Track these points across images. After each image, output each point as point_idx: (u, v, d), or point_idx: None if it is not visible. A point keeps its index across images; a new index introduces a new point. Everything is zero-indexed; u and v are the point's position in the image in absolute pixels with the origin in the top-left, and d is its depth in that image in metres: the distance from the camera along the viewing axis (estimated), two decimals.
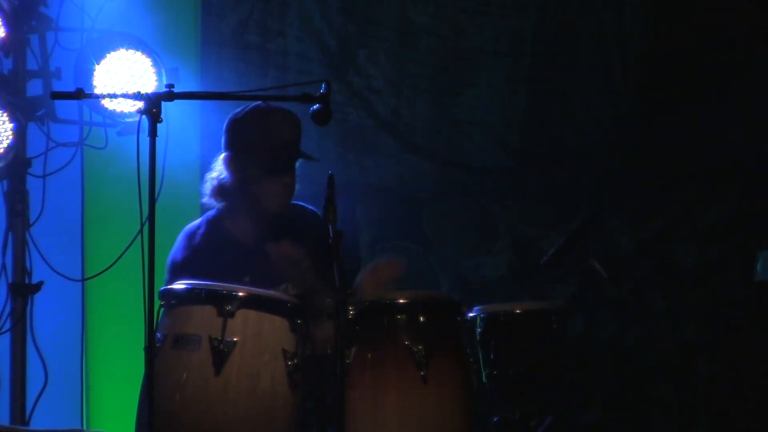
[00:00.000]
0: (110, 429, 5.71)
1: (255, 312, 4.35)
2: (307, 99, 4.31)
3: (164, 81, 5.38)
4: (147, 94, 4.08)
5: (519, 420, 4.74)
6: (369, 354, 4.38)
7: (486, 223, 6.69)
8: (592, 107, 6.73)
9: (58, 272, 5.51)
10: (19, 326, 5.39)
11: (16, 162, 5.41)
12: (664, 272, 6.56)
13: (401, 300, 4.48)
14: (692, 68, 6.57)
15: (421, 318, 4.44)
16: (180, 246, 4.85)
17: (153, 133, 4.05)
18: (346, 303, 4.19)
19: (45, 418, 5.44)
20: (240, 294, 4.35)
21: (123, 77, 5.39)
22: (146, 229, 3.98)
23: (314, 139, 6.07)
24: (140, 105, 4.08)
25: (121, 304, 5.72)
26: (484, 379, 4.66)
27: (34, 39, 5.48)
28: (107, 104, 5.44)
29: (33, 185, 5.49)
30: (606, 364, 6.54)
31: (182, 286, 4.41)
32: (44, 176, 5.51)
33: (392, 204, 6.63)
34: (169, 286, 4.44)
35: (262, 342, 4.34)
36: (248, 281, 4.68)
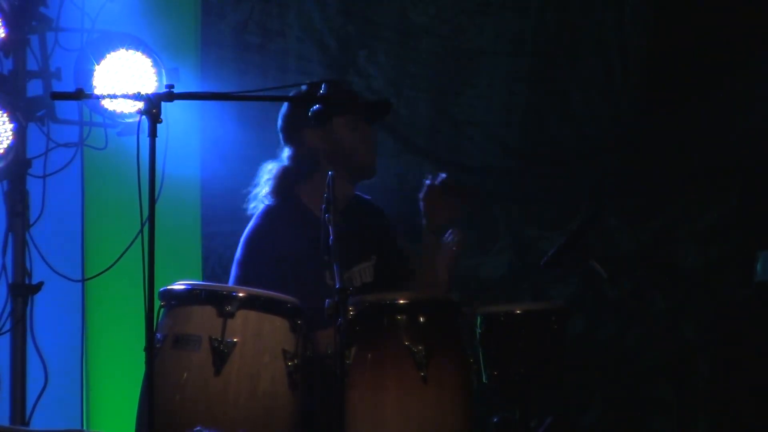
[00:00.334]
0: (110, 429, 5.71)
1: (255, 312, 4.36)
2: (307, 99, 4.31)
3: (164, 81, 5.38)
4: (147, 95, 4.08)
5: (519, 420, 4.74)
6: (369, 354, 4.38)
7: (486, 223, 6.69)
8: (592, 107, 6.73)
9: (58, 272, 5.51)
10: (19, 327, 5.38)
11: (16, 162, 5.41)
12: (664, 272, 6.56)
13: (401, 300, 4.48)
14: (692, 68, 6.57)
15: (421, 318, 4.45)
16: (262, 226, 4.81)
17: (153, 134, 4.05)
18: (346, 303, 4.19)
19: (45, 418, 5.44)
20: (240, 294, 4.35)
21: (123, 78, 5.38)
22: (146, 230, 3.98)
23: None
24: (140, 105, 4.08)
25: (121, 305, 5.72)
26: (485, 380, 4.67)
27: (34, 39, 5.48)
28: (107, 105, 5.44)
29: (33, 186, 5.49)
30: (606, 364, 6.54)
31: (182, 287, 4.41)
32: (44, 177, 5.50)
33: (392, 204, 6.63)
34: (169, 287, 4.44)
35: (262, 342, 4.34)
36: (327, 260, 4.70)
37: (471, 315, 4.70)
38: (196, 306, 4.36)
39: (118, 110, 5.44)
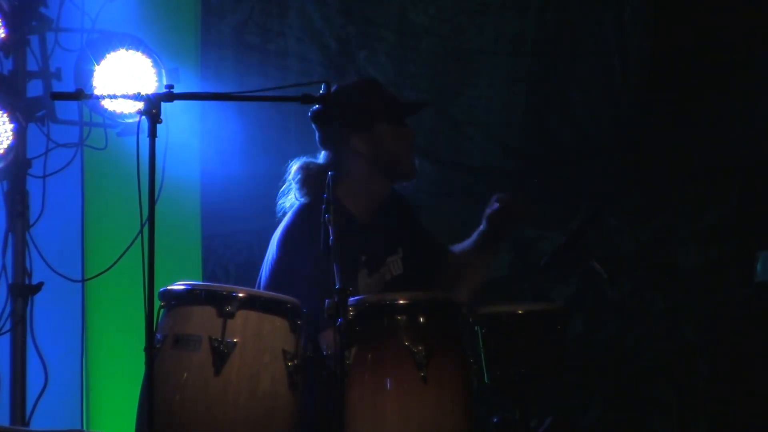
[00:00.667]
0: (110, 429, 5.72)
1: (255, 313, 4.35)
2: (307, 100, 4.31)
3: (164, 81, 5.39)
4: (147, 95, 4.08)
5: (519, 420, 4.73)
6: (369, 354, 4.38)
7: None
8: (592, 107, 6.73)
9: (58, 273, 5.51)
10: (19, 327, 5.39)
11: (16, 162, 5.42)
12: (664, 273, 6.56)
13: (401, 300, 4.48)
14: (692, 68, 6.57)
15: (421, 318, 4.44)
16: (299, 223, 4.80)
17: (153, 134, 4.05)
18: (346, 303, 4.19)
19: (45, 419, 5.44)
20: (240, 295, 4.35)
21: (123, 78, 5.39)
22: (146, 230, 3.98)
23: (315, 140, 6.06)
24: (140, 105, 4.08)
25: (121, 305, 5.72)
26: (485, 380, 4.66)
27: (34, 39, 5.48)
28: (107, 105, 5.44)
29: (33, 186, 5.49)
30: (606, 365, 6.54)
31: (182, 287, 4.42)
32: (44, 177, 5.51)
33: None
34: (169, 287, 4.44)
35: (262, 343, 4.34)
36: (365, 260, 4.76)
37: (471, 315, 4.71)
38: (196, 306, 4.36)
39: (118, 110, 5.44)
